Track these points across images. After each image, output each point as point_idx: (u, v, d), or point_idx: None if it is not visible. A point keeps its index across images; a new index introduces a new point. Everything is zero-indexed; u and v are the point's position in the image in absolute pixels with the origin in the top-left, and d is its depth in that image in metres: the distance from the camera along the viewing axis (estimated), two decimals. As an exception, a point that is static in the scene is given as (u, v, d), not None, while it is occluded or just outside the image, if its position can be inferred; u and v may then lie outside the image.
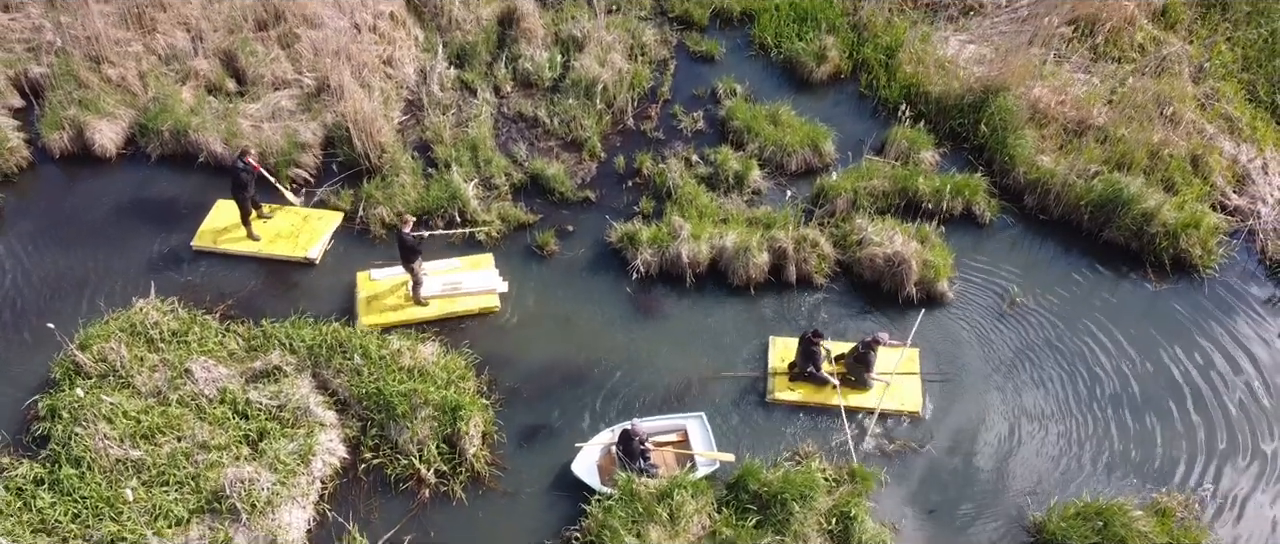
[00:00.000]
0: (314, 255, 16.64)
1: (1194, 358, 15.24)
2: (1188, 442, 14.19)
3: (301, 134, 18.27)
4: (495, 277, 16.26)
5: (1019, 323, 15.73)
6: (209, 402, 14.23)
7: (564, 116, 18.81)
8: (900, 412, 14.53)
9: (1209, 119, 18.32)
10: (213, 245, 16.87)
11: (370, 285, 16.15)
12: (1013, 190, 17.59)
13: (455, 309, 15.89)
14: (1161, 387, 14.88)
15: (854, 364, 14.53)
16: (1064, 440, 14.26)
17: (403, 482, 13.66)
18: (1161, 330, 15.62)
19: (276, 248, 16.79)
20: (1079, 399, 14.74)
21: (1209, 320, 15.78)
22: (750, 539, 12.54)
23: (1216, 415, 14.51)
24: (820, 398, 14.49)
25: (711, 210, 16.99)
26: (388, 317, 15.75)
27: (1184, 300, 16.06)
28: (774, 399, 14.60)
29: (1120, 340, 15.46)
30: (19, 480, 13.27)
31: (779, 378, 14.80)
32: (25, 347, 15.29)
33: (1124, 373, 15.04)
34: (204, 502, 13.07)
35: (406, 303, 15.91)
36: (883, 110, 19.16)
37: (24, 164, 18.28)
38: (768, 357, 15.10)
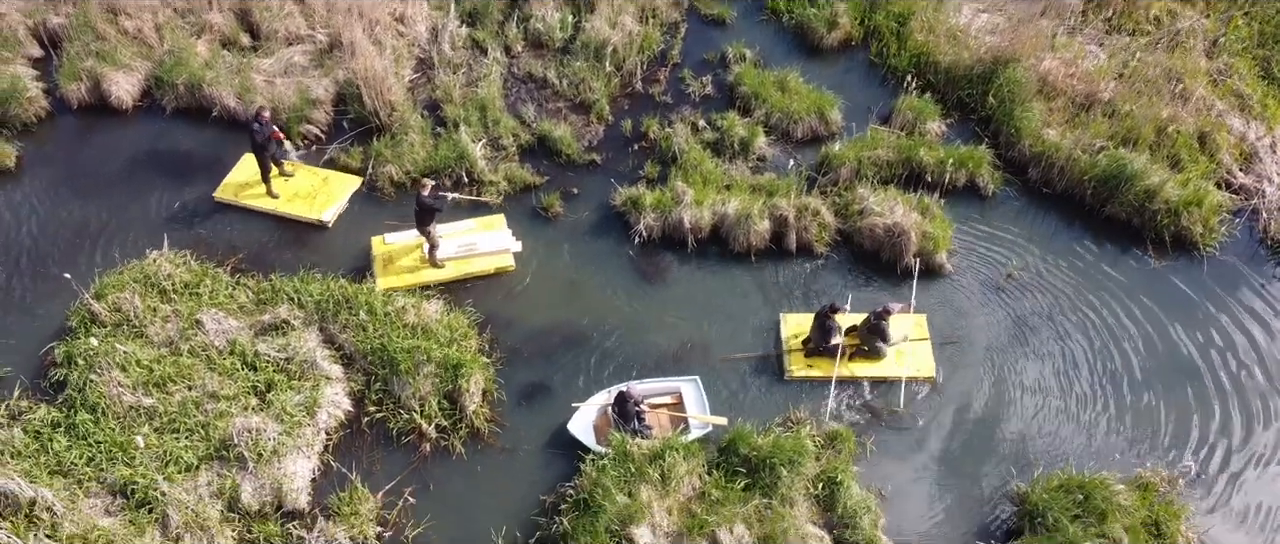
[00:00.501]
0: (327, 219, 16.91)
1: (1188, 336, 15.36)
2: (1176, 418, 14.37)
3: (314, 90, 18.51)
4: (509, 236, 16.49)
5: (1015, 296, 15.89)
6: (219, 353, 14.67)
7: (573, 78, 18.94)
8: (916, 377, 14.75)
9: (1220, 95, 18.22)
10: (234, 198, 17.20)
11: (385, 248, 16.44)
12: (1017, 163, 17.63)
13: (471, 270, 16.16)
14: (1153, 364, 15.03)
15: (867, 335, 14.70)
16: (1053, 413, 14.48)
17: (404, 435, 14.08)
18: (1158, 307, 15.73)
19: (293, 207, 17.08)
20: (1070, 373, 14.93)
21: (1206, 299, 15.86)
22: (738, 501, 12.90)
23: (1207, 394, 14.66)
24: (836, 371, 14.58)
25: (716, 176, 17.15)
26: (405, 278, 16.04)
27: (1183, 278, 16.14)
28: (792, 377, 14.75)
29: (1116, 316, 15.60)
30: (37, 424, 13.78)
31: (794, 355, 14.98)
32: (43, 294, 15.74)
33: (1117, 349, 15.20)
34: (213, 449, 13.55)
35: (422, 265, 16.18)
36: (892, 79, 19.16)
37: (42, 114, 18.64)
38: (780, 334, 15.24)
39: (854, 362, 14.80)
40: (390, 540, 13.07)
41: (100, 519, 12.78)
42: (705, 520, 12.63)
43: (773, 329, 15.46)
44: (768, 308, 15.76)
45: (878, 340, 14.64)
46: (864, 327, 14.74)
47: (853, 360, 14.80)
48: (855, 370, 14.72)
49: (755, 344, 15.29)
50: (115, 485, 13.11)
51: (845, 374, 14.62)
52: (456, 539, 13.08)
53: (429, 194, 15.26)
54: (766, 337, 15.38)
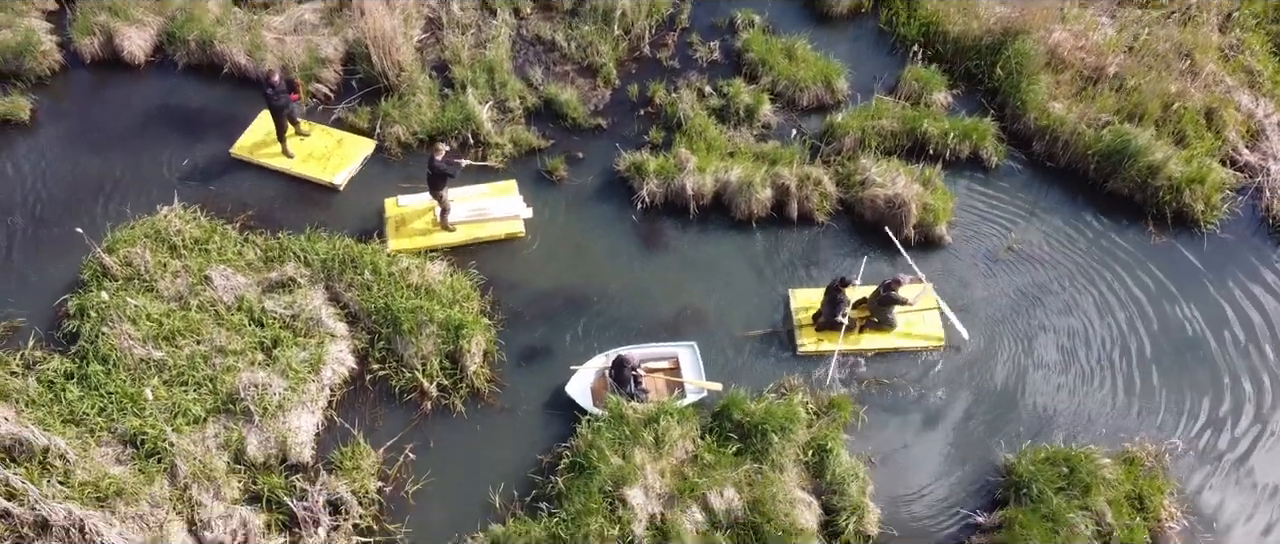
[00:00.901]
0: (339, 181, 17.07)
1: (1184, 313, 15.46)
2: (1166, 394, 14.53)
3: (323, 49, 18.65)
4: (520, 202, 16.62)
5: (1013, 268, 16.00)
6: (227, 308, 15.00)
7: (581, 41, 18.98)
8: (926, 346, 14.95)
9: (1230, 71, 18.11)
10: (250, 155, 17.41)
11: (398, 210, 16.62)
12: (1022, 136, 17.63)
13: (481, 235, 16.33)
14: (1147, 339, 15.15)
15: (878, 307, 14.83)
16: (1045, 386, 14.65)
17: (406, 394, 14.41)
18: (1155, 283, 15.81)
19: (307, 168, 17.24)
20: (1065, 346, 15.08)
21: (1205, 276, 15.92)
22: (730, 466, 13.20)
23: (1198, 370, 14.79)
24: (847, 343, 14.77)
25: (720, 143, 17.24)
26: (417, 241, 16.23)
27: (1182, 255, 16.19)
28: (805, 352, 14.89)
29: (1113, 292, 15.70)
30: (50, 374, 14.19)
31: (805, 329, 15.12)
32: (57, 246, 16.05)
33: (1113, 324, 15.33)
34: (220, 403, 13.92)
35: (434, 228, 16.35)
36: (901, 48, 19.11)
37: (56, 67, 18.88)
38: (789, 310, 15.36)
39: (864, 334, 14.96)
40: (391, 495, 13.46)
41: (111, 467, 13.21)
42: (696, 483, 12.94)
43: (771, 296, 15.66)
44: (768, 276, 15.93)
45: (887, 312, 14.78)
46: (874, 298, 14.86)
47: (863, 332, 14.95)
48: (866, 343, 14.88)
49: (754, 312, 15.48)
50: (125, 435, 13.53)
51: (855, 348, 14.79)
52: (455, 496, 13.45)
53: (443, 159, 15.38)
54: (763, 303, 15.56)
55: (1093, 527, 12.67)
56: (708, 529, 12.73)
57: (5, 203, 16.77)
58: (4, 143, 17.73)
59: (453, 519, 13.19)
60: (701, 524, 12.76)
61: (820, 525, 12.94)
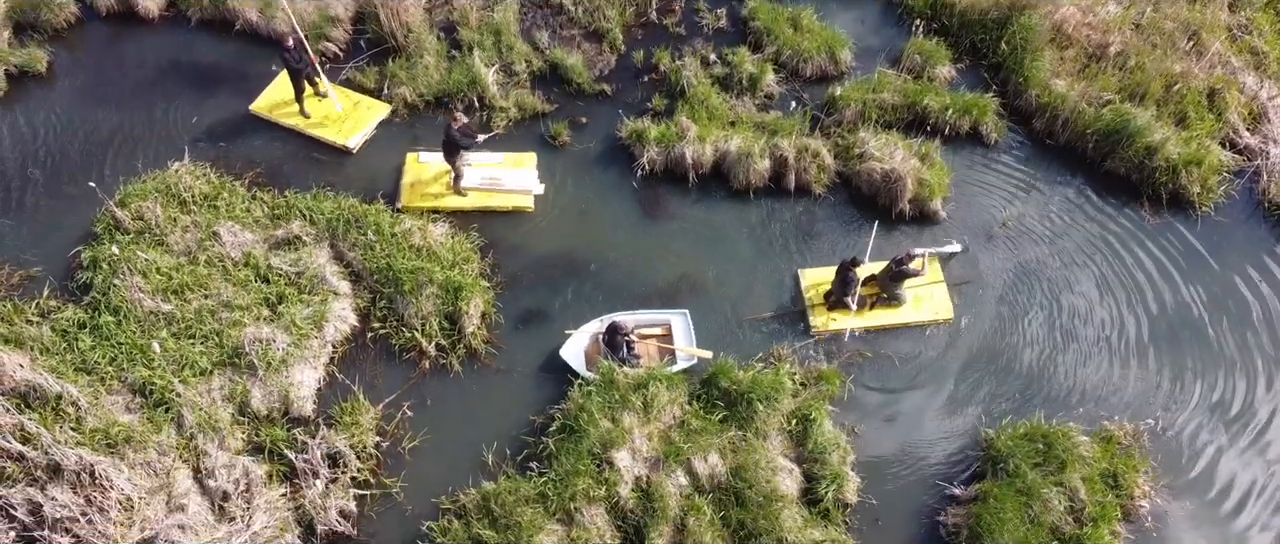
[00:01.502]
0: (353, 145, 17.29)
1: (1172, 295, 15.63)
2: (1151, 373, 14.78)
3: (333, 7, 18.85)
4: (534, 177, 16.78)
5: (1006, 244, 16.18)
6: (234, 264, 15.44)
7: (588, 6, 19.08)
8: (935, 321, 15.21)
9: (1237, 52, 18.04)
10: (269, 114, 17.66)
11: (417, 168, 16.84)
12: (1024, 112, 17.69)
13: (491, 204, 16.53)
14: (1135, 319, 15.36)
15: (889, 282, 15.02)
16: (1031, 362, 14.92)
17: (405, 352, 14.86)
18: (1147, 264, 15.97)
19: (323, 130, 17.46)
20: (1052, 323, 15.32)
21: (1197, 259, 16.05)
22: (715, 432, 13.61)
23: (1184, 351, 15.01)
24: (858, 322, 14.99)
25: (722, 112, 17.40)
26: (428, 202, 16.51)
27: (1176, 236, 16.30)
28: (818, 333, 15.13)
29: (1102, 270, 15.88)
30: (64, 323, 14.72)
31: (817, 309, 15.31)
32: (71, 199, 16.48)
33: (1101, 303, 15.53)
34: (225, 356, 14.42)
35: (447, 191, 16.61)
36: (908, 19, 19.08)
37: (72, 20, 19.18)
38: (800, 291, 15.56)
39: (875, 310, 15.19)
40: (387, 450, 13.97)
41: (121, 415, 13.77)
42: (681, 448, 13.36)
43: (767, 266, 15.93)
44: (764, 247, 16.19)
45: (896, 287, 14.99)
46: (885, 274, 15.05)
47: (873, 309, 15.18)
48: (875, 319, 15.12)
49: (750, 282, 15.76)
50: (135, 385, 14.07)
51: (866, 324, 15.05)
52: (449, 452, 13.94)
53: (458, 129, 15.53)
54: (759, 273, 15.84)
55: (1065, 502, 13.02)
56: (691, 493, 13.19)
57: (24, 155, 17.20)
58: (22, 94, 18.12)
59: (446, 475, 13.70)
60: (685, 488, 13.22)
61: (800, 492, 13.37)
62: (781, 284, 15.75)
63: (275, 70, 18.06)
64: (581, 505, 12.97)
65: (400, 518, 13.40)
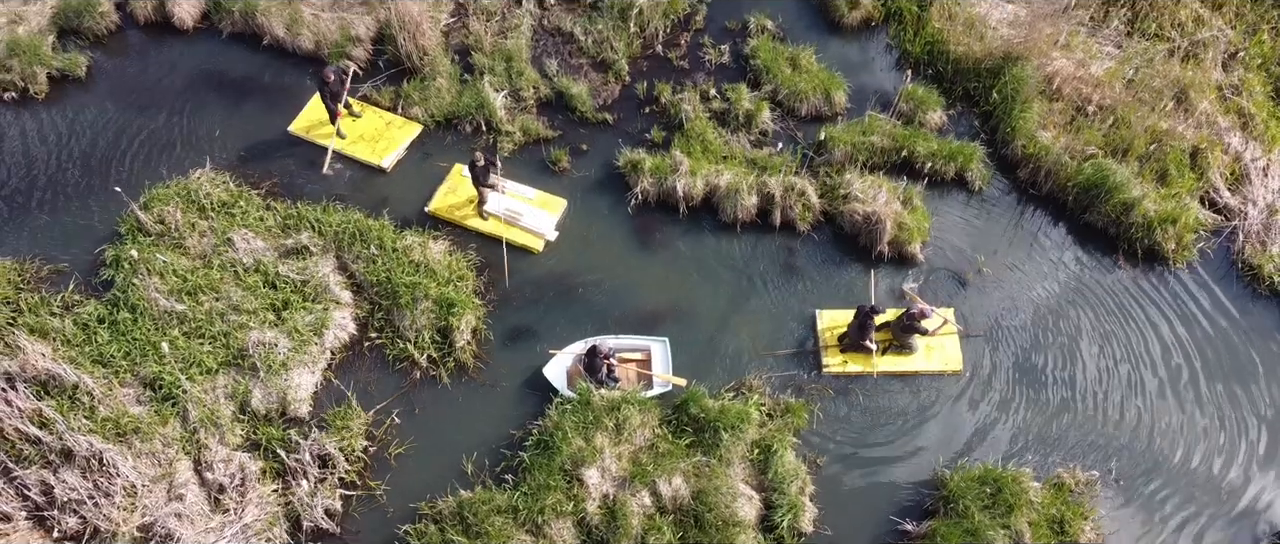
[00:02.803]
0: (387, 164, 18.11)
1: (1139, 347, 16.13)
2: (1110, 425, 15.30)
3: (356, 27, 19.81)
4: (552, 223, 17.38)
5: (980, 289, 16.74)
6: (245, 270, 16.44)
7: (597, 36, 19.88)
8: (944, 372, 15.73)
9: (1224, 111, 18.44)
10: (306, 134, 18.48)
11: (458, 180, 17.67)
12: (1010, 161, 18.23)
13: (505, 235, 17.01)
14: (1100, 369, 15.89)
15: (900, 332, 15.60)
16: (994, 407, 15.50)
17: (399, 362, 15.77)
18: (1117, 317, 16.47)
19: (357, 150, 18.26)
20: (1017, 369, 15.88)
21: (1167, 314, 16.52)
22: (682, 456, 14.37)
23: (1147, 403, 15.51)
24: (870, 367, 15.63)
25: (716, 147, 18.13)
26: (452, 213, 17.37)
27: (1149, 291, 16.78)
28: (829, 372, 15.74)
29: (1072, 320, 16.40)
30: (85, 317, 15.80)
31: (830, 350, 15.92)
32: (102, 198, 17.56)
33: (1067, 351, 16.07)
34: (231, 356, 15.42)
35: (472, 211, 17.44)
36: (906, 63, 19.69)
37: (113, 27, 20.30)
38: (816, 330, 16.18)
39: (886, 356, 15.74)
40: (374, 454, 14.88)
41: (131, 407, 14.83)
42: (648, 470, 14.13)
43: (748, 298, 16.64)
44: (747, 279, 16.89)
45: (908, 337, 15.56)
46: (897, 324, 15.63)
47: (885, 355, 15.74)
48: (887, 366, 15.68)
49: (731, 312, 16.48)
50: (146, 379, 15.12)
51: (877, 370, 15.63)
52: (432, 460, 14.83)
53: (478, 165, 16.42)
54: (741, 303, 16.55)
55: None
56: (654, 513, 13.95)
57: (60, 154, 18.33)
58: (62, 96, 19.29)
59: (428, 482, 14.58)
60: (649, 508, 13.99)
61: (758, 519, 14.08)
62: (761, 317, 16.44)
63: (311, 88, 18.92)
64: (550, 519, 13.79)
65: (381, 520, 14.30)
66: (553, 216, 17.50)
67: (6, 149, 18.43)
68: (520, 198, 17.60)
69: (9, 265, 16.54)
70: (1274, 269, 16.72)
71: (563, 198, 17.75)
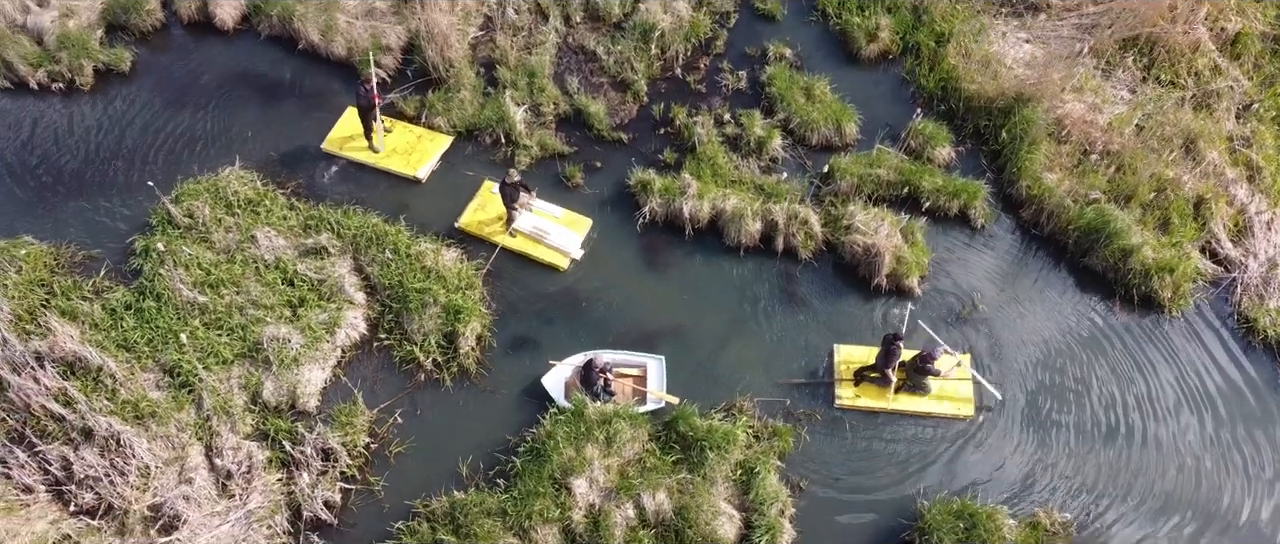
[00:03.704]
0: (422, 175, 18.77)
1: (1125, 393, 16.33)
2: (1090, 468, 15.55)
3: (387, 36, 20.56)
4: (577, 241, 17.89)
5: (973, 327, 17.05)
6: (266, 266, 17.21)
7: (619, 57, 20.44)
8: (955, 416, 16.00)
9: (1233, 162, 18.59)
10: (339, 150, 19.16)
11: (487, 197, 18.28)
12: (1014, 201, 18.51)
13: (530, 252, 17.72)
14: (1087, 413, 16.11)
15: (913, 373, 15.92)
16: (979, 442, 15.81)
17: (405, 364, 16.45)
18: (1109, 361, 16.68)
19: (391, 163, 18.90)
20: (1006, 409, 16.17)
21: (1160, 362, 16.69)
22: (667, 472, 14.88)
23: (1127, 450, 15.73)
24: (882, 403, 16.00)
25: (726, 171, 18.61)
26: (480, 228, 17.98)
27: (1143, 337, 16.95)
28: (842, 406, 16.08)
29: (1063, 363, 16.64)
30: (113, 303, 16.67)
31: (845, 383, 16.31)
32: (134, 189, 18.50)
33: (1056, 393, 16.32)
34: (246, 349, 16.19)
35: (500, 228, 18.02)
36: (919, 98, 20.03)
37: (157, 25, 21.29)
38: (832, 364, 16.44)
39: (899, 396, 16.06)
40: (376, 451, 15.57)
41: (150, 391, 15.63)
42: (634, 483, 14.66)
43: (747, 321, 17.10)
44: (747, 303, 17.34)
45: (922, 378, 15.88)
46: (911, 365, 15.91)
47: (898, 394, 16.06)
48: (900, 404, 15.97)
49: (729, 333, 16.95)
50: (166, 365, 15.93)
51: (891, 408, 15.96)
52: (430, 460, 15.47)
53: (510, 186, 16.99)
54: (738, 326, 17.01)
55: (980, 579, 13.98)
56: (637, 526, 14.48)
57: (101, 145, 19.30)
58: (106, 89, 20.29)
59: (424, 480, 15.23)
60: (632, 520, 14.51)
61: (738, 538, 14.55)
62: (757, 341, 16.88)
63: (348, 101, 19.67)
64: (536, 524, 14.36)
65: (377, 515, 14.97)
66: (578, 235, 18.01)
67: (51, 137, 19.44)
68: (547, 216, 18.14)
69: (46, 249, 17.49)
70: (1269, 323, 16.83)
71: (588, 217, 18.24)
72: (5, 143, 19.35)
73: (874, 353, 16.15)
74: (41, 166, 19.00)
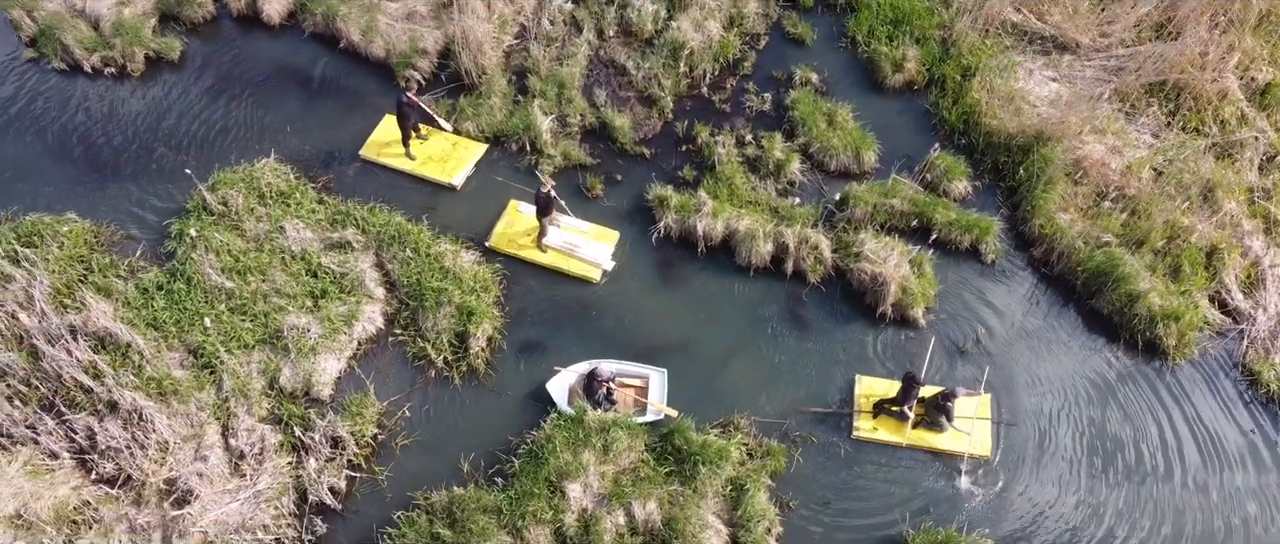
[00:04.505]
0: (457, 183, 19.30)
1: (1122, 435, 16.44)
2: (1081, 508, 15.70)
3: (424, 40, 21.23)
4: (608, 254, 18.34)
5: (974, 362, 17.23)
6: (292, 257, 17.91)
7: (647, 73, 20.90)
8: (971, 455, 16.09)
9: (1251, 213, 18.58)
10: (376, 157, 19.70)
11: (513, 216, 18.81)
12: (1026, 238, 18.67)
13: (562, 266, 18.14)
14: (1079, 453, 16.26)
15: (932, 410, 16.18)
16: (975, 478, 16.02)
17: (417, 360, 17.06)
18: (1108, 405, 16.79)
19: (427, 170, 19.46)
20: (1000, 445, 16.36)
21: (1160, 407, 16.78)
22: (660, 482, 15.31)
23: (1121, 492, 15.86)
24: (899, 438, 16.17)
25: (742, 192, 19.00)
26: (511, 247, 18.42)
27: (1145, 383, 17.05)
28: (859, 437, 16.32)
29: (1058, 403, 16.79)
30: (146, 283, 17.47)
31: (863, 415, 16.55)
32: (174, 175, 19.29)
33: (1048, 432, 16.49)
34: (267, 335, 16.88)
35: (531, 243, 18.52)
36: (941, 130, 20.26)
37: (208, 17, 22.19)
38: (853, 394, 16.68)
39: (916, 431, 16.31)
40: (382, 442, 16.18)
41: (175, 370, 16.38)
42: (626, 492, 15.11)
43: (753, 340, 17.46)
44: (753, 322, 17.70)
45: (939, 416, 16.10)
46: (931, 402, 16.20)
47: (916, 429, 16.31)
48: (917, 440, 16.24)
49: (734, 351, 17.33)
50: (191, 346, 16.68)
51: (909, 443, 16.21)
52: (434, 454, 16.06)
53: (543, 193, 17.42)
54: (743, 344, 17.38)
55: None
56: (626, 533, 14.93)
57: (146, 130, 20.19)
58: (155, 76, 21.21)
59: (426, 474, 15.80)
60: (621, 527, 14.96)
61: (724, 553, 14.96)
62: (760, 361, 17.24)
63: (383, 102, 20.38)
64: (530, 524, 14.87)
65: (379, 503, 15.58)
66: (608, 247, 18.45)
67: (100, 119, 20.37)
68: (575, 230, 18.60)
69: (87, 227, 18.36)
70: (1274, 377, 16.85)
71: (615, 229, 18.67)
72: (57, 122, 20.31)
73: (894, 386, 16.42)
74: (90, 147, 19.92)
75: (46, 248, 17.67)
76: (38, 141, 19.96)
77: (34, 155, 19.74)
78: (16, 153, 19.77)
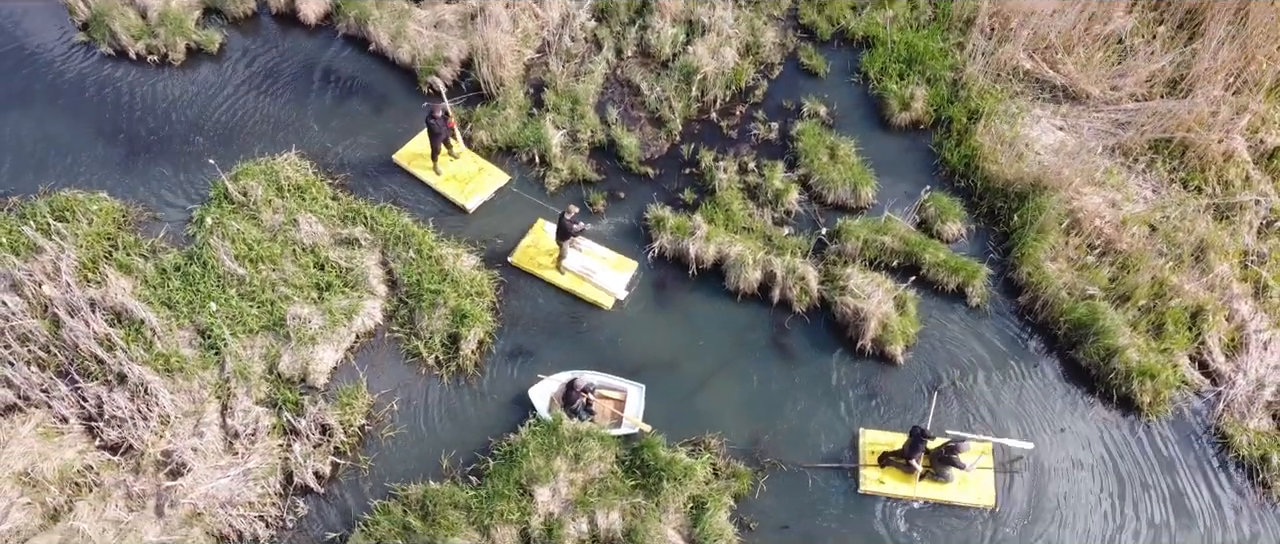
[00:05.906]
0: (470, 206, 19.88)
1: (1092, 492, 16.66)
2: (1037, 555, 16.06)
3: (449, 48, 22.08)
4: (623, 282, 18.81)
5: (945, 402, 17.56)
6: (302, 250, 18.85)
7: (660, 94, 21.52)
8: (976, 505, 16.36)
9: (1242, 276, 18.64)
10: (407, 165, 20.43)
11: (539, 234, 19.45)
12: (1014, 284, 18.94)
13: (578, 290, 18.69)
14: (1042, 506, 16.52)
15: (938, 462, 16.45)
16: (932, 516, 16.42)
17: (410, 357, 17.88)
18: (1072, 454, 17.02)
19: (447, 187, 20.09)
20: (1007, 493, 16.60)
21: (1129, 465, 16.96)
22: (624, 494, 15.94)
23: None
24: (908, 490, 16.38)
25: (738, 218, 19.53)
26: (530, 265, 19.06)
27: (1116, 438, 17.22)
28: (866, 490, 16.49)
29: (1030, 450, 17.07)
30: (165, 263, 18.53)
31: (868, 469, 16.72)
32: (203, 162, 20.34)
33: (1014, 477, 16.79)
34: (271, 322, 17.83)
35: (551, 264, 19.13)
36: (942, 171, 20.58)
37: (249, 13, 23.31)
38: (858, 447, 16.93)
39: (923, 482, 16.58)
40: (369, 433, 17.02)
41: (182, 348, 17.39)
42: (591, 500, 15.76)
43: (731, 363, 17.99)
44: (736, 345, 18.22)
45: (945, 466, 16.41)
46: (935, 454, 16.48)
47: (922, 480, 16.57)
48: (922, 491, 16.52)
49: (714, 373, 17.86)
50: (200, 327, 17.68)
51: (915, 494, 16.51)
52: (417, 449, 16.87)
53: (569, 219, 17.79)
54: (720, 366, 17.92)
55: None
56: (588, 540, 15.58)
57: (182, 117, 21.32)
58: (194, 66, 22.36)
59: (407, 466, 16.63)
60: (584, 534, 15.62)
61: (680, 567, 15.54)
62: (738, 384, 17.76)
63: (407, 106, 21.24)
64: (497, 523, 15.60)
65: (359, 491, 16.43)
66: (624, 276, 19.01)
67: (141, 104, 21.54)
68: (595, 256, 19.20)
69: (117, 206, 19.50)
70: (1246, 442, 16.95)
71: (633, 260, 19.18)
72: (101, 104, 21.53)
73: (896, 438, 16.76)
74: (128, 130, 21.09)
75: (77, 223, 18.82)
76: (80, 121, 21.19)
77: (75, 134, 20.96)
78: (59, 130, 21.01)
